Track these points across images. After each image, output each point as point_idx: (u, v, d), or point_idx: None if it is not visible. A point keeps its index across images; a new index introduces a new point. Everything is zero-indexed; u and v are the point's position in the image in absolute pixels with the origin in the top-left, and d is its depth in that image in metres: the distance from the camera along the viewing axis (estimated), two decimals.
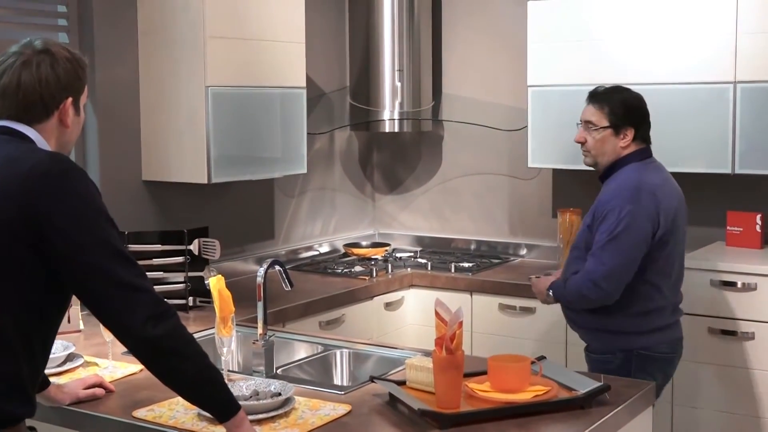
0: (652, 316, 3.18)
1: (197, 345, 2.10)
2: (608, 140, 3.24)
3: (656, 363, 3.18)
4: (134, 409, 2.48)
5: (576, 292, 3.18)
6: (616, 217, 3.09)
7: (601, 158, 3.27)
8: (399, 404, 2.47)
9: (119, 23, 3.89)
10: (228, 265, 4.25)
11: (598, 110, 3.26)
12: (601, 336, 3.22)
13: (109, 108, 3.86)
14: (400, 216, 5.27)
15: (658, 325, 3.19)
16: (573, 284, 3.19)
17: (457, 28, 4.99)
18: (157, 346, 2.04)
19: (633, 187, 3.14)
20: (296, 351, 3.24)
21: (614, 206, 3.11)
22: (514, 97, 4.76)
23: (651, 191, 3.14)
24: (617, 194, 3.15)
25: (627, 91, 3.31)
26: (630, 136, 3.22)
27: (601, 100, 3.26)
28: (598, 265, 3.10)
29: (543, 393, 2.47)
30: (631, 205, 3.10)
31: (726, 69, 3.92)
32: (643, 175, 3.19)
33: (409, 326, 4.51)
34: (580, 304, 3.21)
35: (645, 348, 3.16)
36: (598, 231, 3.14)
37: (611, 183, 3.24)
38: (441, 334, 2.37)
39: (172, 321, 2.06)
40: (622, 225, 3.07)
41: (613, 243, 3.08)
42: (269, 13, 4.09)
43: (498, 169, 4.95)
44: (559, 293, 3.28)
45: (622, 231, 3.07)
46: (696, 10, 4.02)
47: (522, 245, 4.89)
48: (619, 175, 3.22)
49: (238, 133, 4.00)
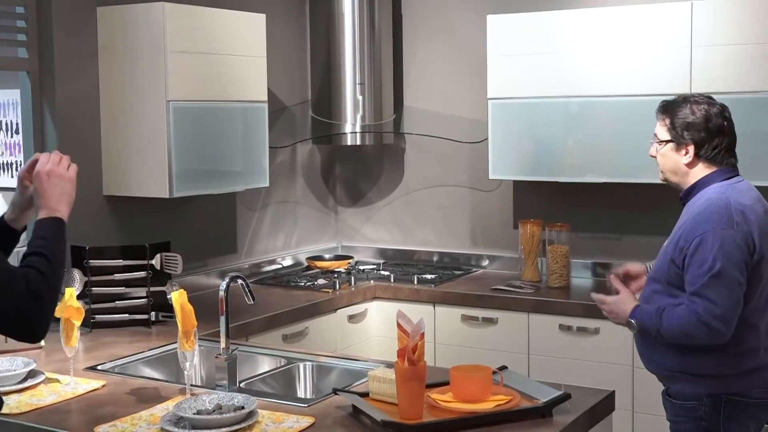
0: (744, 356, 2.75)
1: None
2: (670, 156, 2.86)
3: (748, 410, 2.77)
4: (97, 424, 2.47)
5: (678, 330, 2.71)
6: (711, 248, 2.67)
7: (669, 175, 2.91)
8: (362, 416, 2.48)
9: (79, 37, 3.87)
10: (190, 279, 4.24)
11: (660, 123, 2.89)
12: (685, 379, 2.79)
13: (69, 122, 3.84)
14: (363, 228, 5.29)
15: (750, 366, 2.75)
16: (675, 320, 2.71)
17: (417, 41, 5.03)
18: None
19: (722, 208, 2.72)
20: (259, 364, 3.24)
21: (706, 234, 2.69)
22: (474, 110, 4.81)
23: (740, 211, 2.72)
24: (705, 218, 2.72)
25: (696, 101, 2.85)
26: (691, 153, 2.82)
27: (665, 111, 2.89)
28: (708, 304, 2.65)
29: (505, 402, 2.50)
30: (723, 230, 2.68)
31: (682, 81, 3.99)
32: (729, 194, 2.76)
33: (373, 338, 4.53)
34: (679, 340, 2.75)
35: (736, 393, 2.75)
36: (692, 265, 2.70)
37: (692, 207, 2.82)
38: (403, 345, 2.39)
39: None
40: (720, 257, 2.66)
41: (718, 279, 2.65)
42: (230, 28, 4.10)
43: (459, 181, 4.99)
44: (648, 324, 2.78)
45: (723, 264, 2.65)
46: (652, 25, 4.09)
47: (484, 256, 4.92)
48: (701, 196, 2.81)
49: (200, 147, 3.99)
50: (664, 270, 2.80)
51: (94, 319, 3.60)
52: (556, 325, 4.13)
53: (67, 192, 2.29)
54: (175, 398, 2.67)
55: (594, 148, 4.25)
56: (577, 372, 4.00)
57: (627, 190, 4.43)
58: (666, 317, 2.73)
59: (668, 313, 2.73)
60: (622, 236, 4.58)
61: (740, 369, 2.74)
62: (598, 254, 4.62)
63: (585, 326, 4.05)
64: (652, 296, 2.83)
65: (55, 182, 2.28)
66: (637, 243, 4.50)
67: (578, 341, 4.08)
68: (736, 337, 2.70)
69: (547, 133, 4.35)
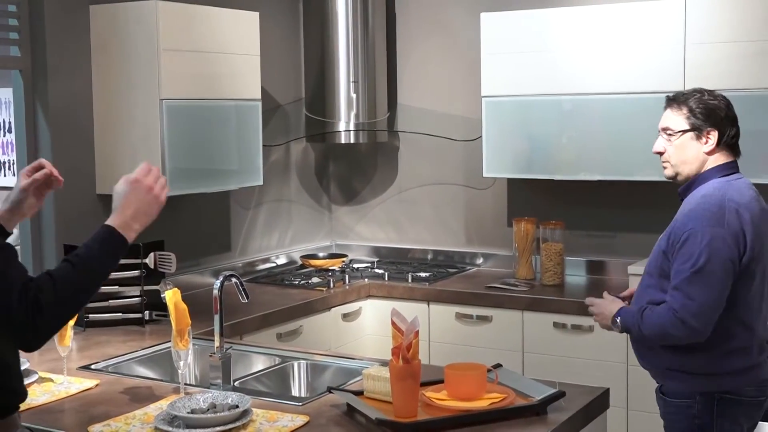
0: (737, 355, 2.75)
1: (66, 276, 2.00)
2: (689, 145, 2.81)
3: (741, 407, 2.77)
4: (90, 424, 2.46)
5: (658, 328, 2.72)
6: (698, 244, 2.66)
7: (683, 167, 2.83)
8: (357, 414, 2.48)
9: (72, 35, 3.86)
10: (184, 278, 4.23)
11: (676, 113, 2.83)
12: (678, 377, 2.79)
13: (62, 121, 3.83)
14: (357, 227, 5.28)
15: (743, 365, 2.76)
16: (654, 319, 2.73)
17: (411, 39, 5.03)
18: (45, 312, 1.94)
19: (714, 206, 2.71)
20: (254, 363, 3.24)
21: (694, 230, 2.68)
22: (468, 108, 4.81)
23: (734, 209, 2.71)
24: (697, 215, 2.71)
25: (709, 91, 2.86)
26: (714, 139, 2.78)
27: (679, 102, 2.84)
28: (685, 299, 2.66)
29: (499, 400, 2.50)
30: (712, 227, 2.67)
31: (675, 78, 3.99)
32: (725, 192, 2.75)
33: (367, 337, 4.53)
34: (660, 340, 2.76)
35: (729, 392, 2.75)
36: (678, 258, 2.71)
37: (689, 201, 2.81)
38: (397, 343, 2.39)
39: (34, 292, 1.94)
40: (705, 253, 2.65)
41: (700, 275, 2.65)
42: (224, 26, 4.10)
43: (453, 179, 4.99)
44: (630, 323, 2.80)
45: (707, 260, 2.65)
46: (646, 22, 4.10)
47: (478, 254, 4.92)
48: (698, 192, 2.79)
49: (194, 146, 3.99)
50: (657, 262, 2.80)
51: (87, 318, 3.59)
52: (550, 322, 4.13)
53: (147, 212, 2.16)
54: (169, 397, 2.67)
55: (588, 145, 4.26)
56: (572, 370, 4.01)
57: (621, 188, 4.44)
58: (646, 316, 2.75)
59: (648, 313, 2.75)
60: (616, 234, 4.59)
61: (733, 367, 2.74)
62: (592, 252, 4.63)
63: (579, 324, 4.06)
64: (645, 291, 2.84)
65: (141, 196, 2.14)
66: (631, 240, 4.51)
67: (572, 339, 4.09)
68: (729, 335, 2.71)
69: (541, 130, 4.36)
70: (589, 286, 4.42)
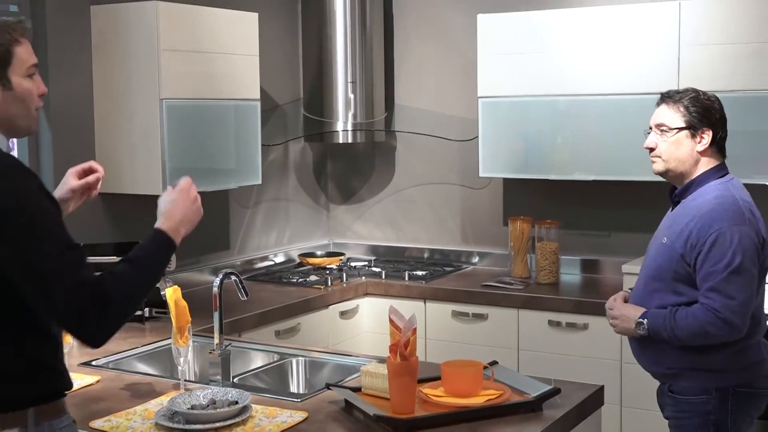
0: (751, 349, 2.80)
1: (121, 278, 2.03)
2: (683, 143, 2.82)
3: (753, 399, 2.83)
4: (91, 419, 2.48)
5: (696, 329, 2.70)
6: (729, 243, 2.68)
7: (675, 164, 2.84)
8: (355, 410, 2.51)
9: (72, 35, 3.89)
10: (184, 275, 4.26)
11: (672, 110, 2.84)
12: (692, 375, 2.79)
13: (63, 120, 3.86)
14: (354, 226, 5.32)
15: (756, 359, 2.81)
16: (691, 321, 2.71)
17: (408, 40, 5.06)
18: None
19: (733, 205, 2.74)
20: (252, 360, 3.27)
21: (722, 230, 2.69)
22: (465, 108, 4.84)
23: (748, 208, 2.76)
24: (719, 216, 2.72)
25: (702, 92, 2.88)
26: (708, 139, 2.80)
27: (676, 100, 2.85)
28: (726, 299, 2.67)
29: (495, 397, 2.53)
30: (739, 226, 2.70)
31: (670, 80, 4.02)
32: (733, 192, 2.78)
33: (364, 334, 4.56)
34: (695, 340, 2.74)
35: (743, 385, 2.79)
36: (708, 261, 2.70)
37: (697, 203, 2.80)
38: (395, 340, 2.42)
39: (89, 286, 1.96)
40: (739, 252, 2.67)
41: (737, 274, 2.67)
42: (223, 26, 4.13)
43: (450, 179, 5.02)
44: (660, 326, 2.76)
45: (742, 259, 2.67)
46: (641, 24, 4.13)
47: (474, 253, 4.96)
48: (707, 192, 2.79)
49: (193, 145, 4.02)
50: (670, 266, 2.78)
51: None
52: (545, 320, 4.16)
53: (192, 220, 2.24)
54: (169, 393, 2.70)
55: (583, 145, 4.29)
56: (567, 367, 4.03)
57: (615, 188, 4.47)
58: (680, 317, 2.72)
59: (682, 314, 2.73)
60: (611, 233, 4.62)
61: (747, 362, 2.79)
62: (587, 251, 4.66)
63: (574, 322, 4.09)
64: (651, 295, 2.82)
65: (188, 204, 2.23)
66: (626, 240, 4.54)
67: (567, 337, 4.12)
68: (748, 330, 2.75)
69: (536, 131, 4.39)
70: (583, 285, 4.46)
